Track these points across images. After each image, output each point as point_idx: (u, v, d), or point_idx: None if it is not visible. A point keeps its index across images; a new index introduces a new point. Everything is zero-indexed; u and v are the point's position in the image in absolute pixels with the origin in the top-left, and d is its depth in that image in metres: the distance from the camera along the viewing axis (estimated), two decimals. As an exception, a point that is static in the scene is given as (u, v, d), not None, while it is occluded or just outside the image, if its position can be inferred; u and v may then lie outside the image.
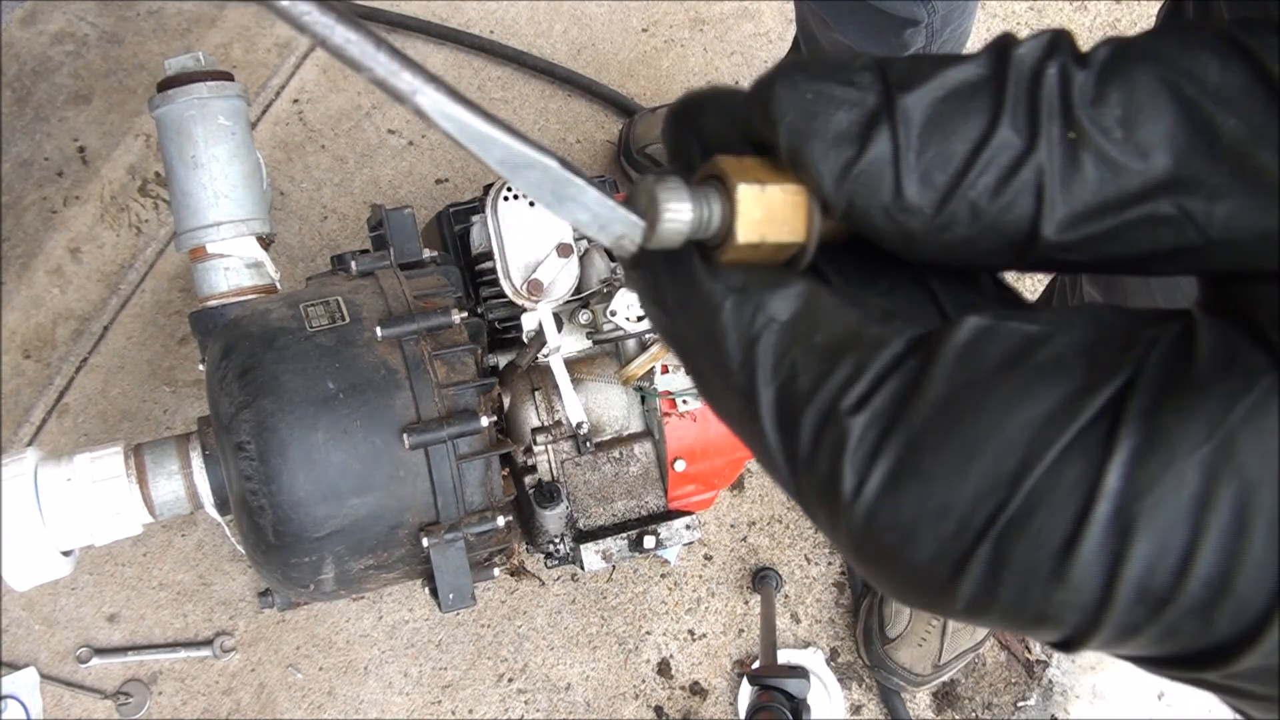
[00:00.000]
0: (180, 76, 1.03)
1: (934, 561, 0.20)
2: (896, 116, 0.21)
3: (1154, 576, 0.18)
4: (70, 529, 0.89)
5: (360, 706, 1.38)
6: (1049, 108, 0.21)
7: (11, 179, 1.57)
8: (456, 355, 0.93)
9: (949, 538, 0.20)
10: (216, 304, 1.02)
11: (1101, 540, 0.18)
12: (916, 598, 0.21)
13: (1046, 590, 0.19)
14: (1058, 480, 0.19)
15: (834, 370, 0.21)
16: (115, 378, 1.49)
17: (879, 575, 0.21)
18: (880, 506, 0.20)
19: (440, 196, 1.62)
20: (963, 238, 0.22)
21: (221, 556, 1.42)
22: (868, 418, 0.20)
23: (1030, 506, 0.19)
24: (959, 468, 0.19)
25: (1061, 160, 0.21)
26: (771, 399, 0.22)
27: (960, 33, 1.18)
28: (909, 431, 0.20)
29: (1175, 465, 0.18)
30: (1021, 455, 0.19)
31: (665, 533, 1.09)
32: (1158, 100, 0.21)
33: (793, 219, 0.23)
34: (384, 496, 0.88)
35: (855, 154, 0.22)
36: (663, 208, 0.22)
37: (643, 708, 1.40)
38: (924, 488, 0.20)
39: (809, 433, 0.21)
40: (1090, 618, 0.19)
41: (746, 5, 1.79)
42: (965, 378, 0.20)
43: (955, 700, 1.43)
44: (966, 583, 0.20)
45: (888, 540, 0.20)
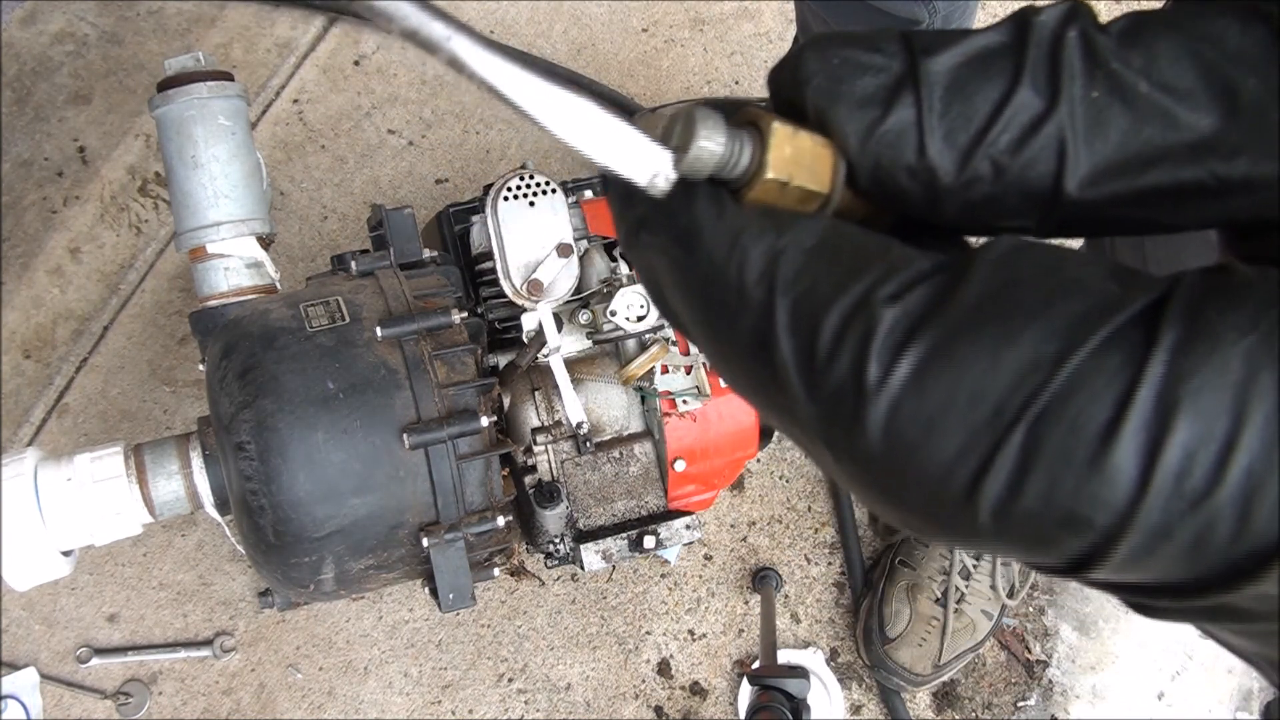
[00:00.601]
0: (180, 76, 1.03)
1: (959, 455, 0.19)
2: (921, 80, 0.22)
3: (1194, 465, 0.17)
4: (70, 529, 0.89)
5: (360, 706, 1.38)
6: (1070, 69, 0.22)
7: (11, 179, 1.57)
8: (456, 355, 0.93)
9: (980, 424, 0.19)
10: (216, 304, 1.02)
11: (1142, 424, 0.18)
12: (931, 509, 0.20)
13: (1080, 481, 0.18)
14: (1100, 365, 0.18)
15: (862, 274, 0.21)
16: (115, 378, 1.49)
17: (892, 486, 0.20)
18: (906, 396, 0.19)
19: (440, 196, 1.62)
20: (986, 195, 0.22)
21: (221, 556, 1.42)
22: (900, 310, 0.20)
23: (1069, 390, 0.18)
24: (995, 353, 0.19)
25: (1084, 118, 0.21)
26: (790, 304, 0.21)
27: (960, 33, 1.18)
28: (944, 321, 0.19)
29: (1220, 353, 0.18)
30: (1062, 341, 0.19)
31: (665, 533, 1.09)
32: (1179, 64, 0.21)
33: (819, 168, 0.23)
34: (384, 496, 0.88)
35: (880, 115, 0.22)
36: (699, 132, 0.22)
37: (643, 708, 1.40)
38: (957, 373, 0.19)
39: (831, 329, 0.20)
40: (1122, 514, 0.18)
41: (746, 5, 1.79)
42: (1003, 278, 0.20)
43: (955, 700, 1.43)
44: (993, 477, 0.19)
45: (910, 434, 0.19)
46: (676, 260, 0.23)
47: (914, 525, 0.21)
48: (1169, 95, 0.21)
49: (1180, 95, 0.21)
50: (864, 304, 0.20)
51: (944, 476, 0.19)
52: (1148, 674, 1.47)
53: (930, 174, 0.22)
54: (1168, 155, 0.21)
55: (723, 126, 0.23)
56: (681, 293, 0.24)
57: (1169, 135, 0.21)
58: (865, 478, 0.21)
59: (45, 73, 1.64)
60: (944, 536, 0.21)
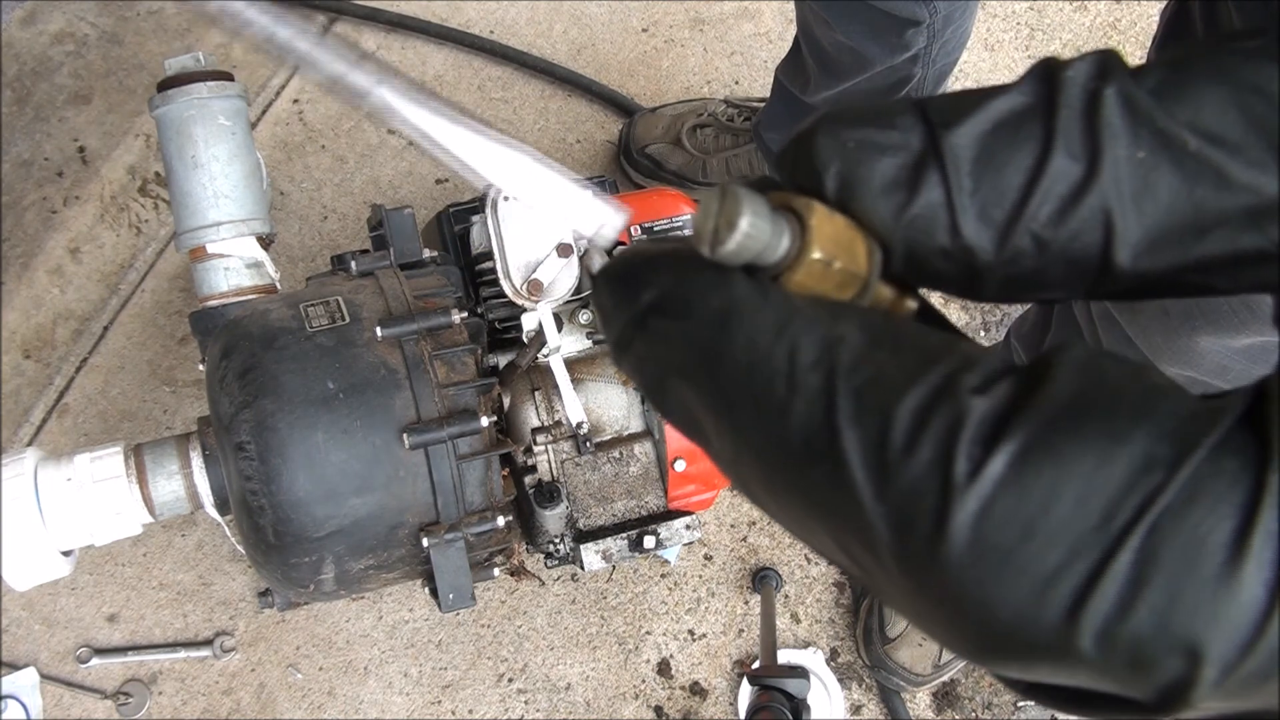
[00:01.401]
0: (180, 76, 1.03)
1: (1063, 564, 0.17)
2: (945, 156, 0.20)
3: None
4: (70, 529, 0.89)
5: (360, 706, 1.38)
6: (1110, 129, 0.20)
7: (11, 179, 1.57)
8: (456, 355, 0.93)
9: (1088, 530, 0.16)
10: (216, 304, 1.02)
11: (1269, 537, 0.16)
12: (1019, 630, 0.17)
13: (1203, 599, 0.16)
14: (1218, 469, 0.16)
15: (937, 363, 0.18)
16: (115, 378, 1.49)
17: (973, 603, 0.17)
18: (1002, 494, 0.17)
19: (440, 196, 1.62)
20: (1029, 270, 0.21)
21: (221, 556, 1.42)
22: (989, 401, 0.18)
23: (1189, 496, 0.16)
24: (1105, 451, 0.17)
25: (1130, 181, 0.20)
26: (854, 390, 0.19)
27: (961, 33, 1.18)
28: (1042, 415, 0.17)
29: None
30: (1176, 443, 0.17)
31: (665, 533, 1.09)
32: (1227, 117, 0.19)
33: (856, 251, 0.21)
34: (384, 496, 0.88)
35: (906, 199, 0.21)
36: (744, 210, 0.20)
37: (643, 708, 1.40)
38: (1060, 471, 0.17)
39: (908, 417, 0.18)
40: (1247, 638, 0.16)
41: (746, 5, 1.79)
42: (1093, 379, 0.18)
43: (955, 700, 1.43)
44: (1103, 592, 0.16)
45: (1004, 540, 0.17)
46: (704, 346, 0.20)
47: (993, 650, 0.18)
48: (1220, 151, 0.19)
49: (1232, 151, 0.19)
50: (947, 392, 0.18)
51: (1042, 590, 0.17)
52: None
53: (968, 254, 0.21)
54: (1224, 219, 0.19)
55: (766, 206, 0.21)
56: (707, 385, 0.21)
57: (1224, 197, 0.19)
58: (941, 594, 0.18)
59: (45, 73, 1.64)
60: (1029, 663, 0.18)
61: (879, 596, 0.21)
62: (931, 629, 0.19)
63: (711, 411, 0.21)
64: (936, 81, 1.24)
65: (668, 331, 0.21)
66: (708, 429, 0.22)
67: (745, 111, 1.58)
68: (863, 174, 0.21)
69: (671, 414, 0.23)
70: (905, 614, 0.20)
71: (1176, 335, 0.86)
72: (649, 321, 0.22)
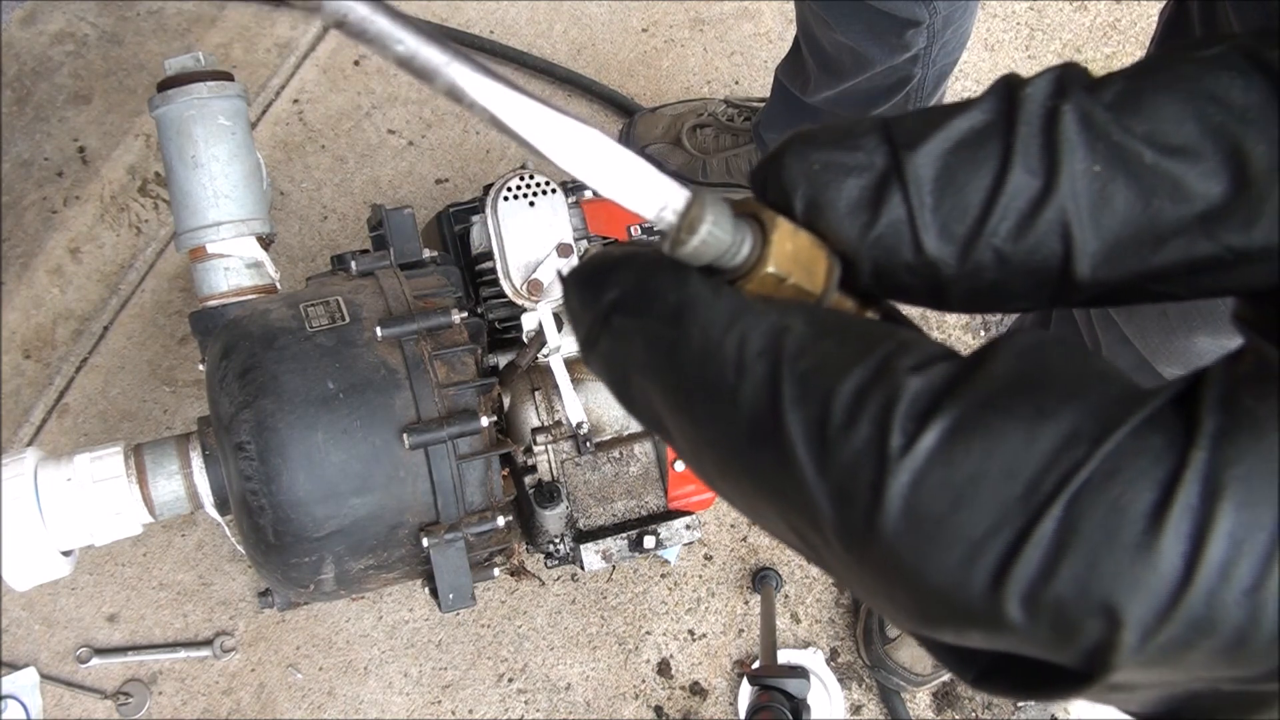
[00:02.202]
0: (180, 76, 1.03)
1: (990, 532, 0.18)
2: (907, 176, 0.21)
3: (1240, 555, 0.17)
4: (70, 529, 0.89)
5: (360, 706, 1.38)
6: (1068, 145, 0.20)
7: (11, 179, 1.57)
8: (456, 355, 0.93)
9: (1014, 499, 0.17)
10: (216, 304, 1.02)
11: (1189, 509, 0.17)
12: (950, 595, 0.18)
13: (1122, 565, 0.17)
14: (1143, 446, 0.17)
15: (877, 348, 0.19)
16: (115, 378, 1.49)
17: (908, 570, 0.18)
18: (933, 466, 0.18)
19: (440, 196, 1.62)
20: (992, 283, 0.21)
21: (221, 556, 1.42)
22: (924, 379, 0.19)
23: (1112, 468, 0.17)
24: (1032, 426, 0.18)
25: (1087, 195, 0.20)
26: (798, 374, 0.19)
27: (961, 33, 1.18)
28: (975, 393, 0.18)
29: (1264, 441, 0.17)
30: (1101, 420, 0.18)
31: (665, 533, 1.09)
32: (1184, 127, 0.20)
33: (815, 269, 0.22)
34: (384, 496, 0.88)
35: (871, 218, 0.21)
36: (706, 216, 0.21)
37: (643, 708, 1.40)
38: (989, 444, 0.18)
39: (847, 396, 0.19)
40: (1164, 604, 0.17)
41: (746, 5, 1.79)
42: (1031, 363, 0.19)
43: (955, 700, 1.43)
44: (1026, 557, 0.17)
45: (935, 509, 0.18)
46: (661, 339, 0.22)
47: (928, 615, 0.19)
48: (1176, 163, 0.20)
49: (1189, 161, 0.20)
50: (884, 372, 0.19)
51: (971, 556, 0.18)
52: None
53: (932, 269, 0.21)
54: (1180, 229, 0.20)
55: (729, 214, 0.22)
56: (664, 376, 0.22)
57: (1180, 207, 0.20)
58: (880, 565, 0.19)
59: (45, 73, 1.64)
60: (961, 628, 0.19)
61: (827, 572, 0.22)
62: (874, 600, 0.20)
63: (670, 404, 0.22)
64: (936, 82, 1.24)
65: (629, 328, 0.22)
66: (668, 422, 0.22)
67: (745, 111, 1.58)
68: (829, 196, 0.22)
69: (636, 410, 0.23)
70: (851, 587, 0.21)
71: (1174, 335, 0.86)
72: (612, 319, 0.23)
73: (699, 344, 0.21)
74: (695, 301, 0.21)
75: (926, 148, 0.21)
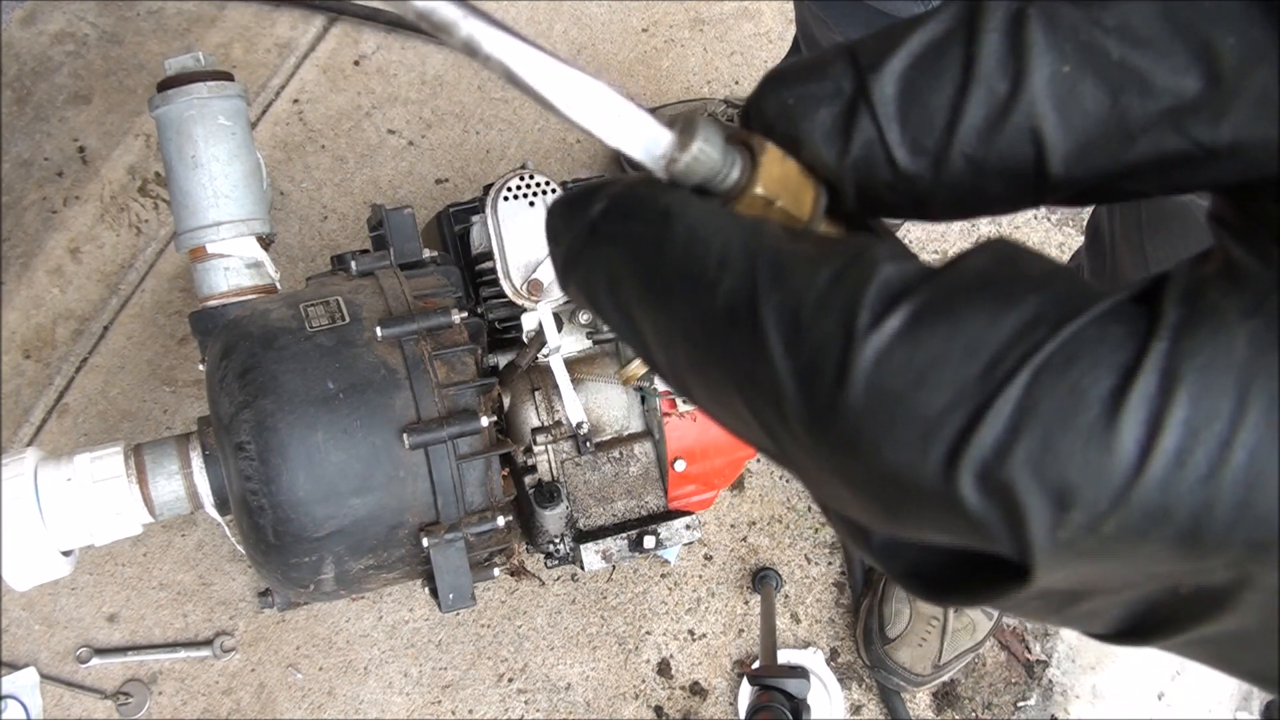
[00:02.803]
0: (180, 76, 1.03)
1: (949, 408, 0.18)
2: (873, 97, 0.22)
3: (1196, 444, 0.17)
4: (70, 529, 0.89)
5: (360, 706, 1.38)
6: (1035, 47, 0.20)
7: (11, 179, 1.57)
8: (456, 355, 0.93)
9: (973, 376, 0.18)
10: (216, 304, 1.02)
11: (1147, 396, 0.17)
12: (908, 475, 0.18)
13: (1077, 447, 0.17)
14: (1104, 334, 0.18)
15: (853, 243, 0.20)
16: (115, 378, 1.49)
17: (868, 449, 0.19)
18: (897, 345, 0.18)
19: (440, 196, 1.62)
20: (971, 188, 0.22)
21: (221, 556, 1.42)
22: (896, 268, 0.19)
23: (1073, 352, 0.17)
24: (996, 310, 0.18)
25: (1054, 96, 0.20)
26: (774, 262, 0.20)
27: (960, 33, 1.18)
28: (943, 283, 0.19)
29: (1224, 333, 0.17)
30: (1064, 308, 0.18)
31: (665, 533, 1.09)
32: (1154, 24, 0.20)
33: (802, 196, 0.23)
34: (384, 496, 0.88)
35: (844, 144, 0.22)
36: (698, 135, 0.22)
37: (643, 708, 1.40)
38: (953, 325, 0.18)
39: (822, 282, 0.19)
40: (1119, 488, 0.17)
41: (746, 5, 1.79)
42: (1001, 260, 0.19)
43: (955, 700, 1.43)
44: (982, 434, 0.17)
45: (897, 385, 0.18)
46: (646, 238, 0.22)
47: (884, 499, 0.19)
48: (1145, 57, 0.20)
49: (1157, 57, 0.20)
50: (859, 261, 0.19)
51: (929, 433, 0.18)
52: (1148, 674, 1.47)
53: (909, 184, 0.22)
54: (1149, 125, 0.20)
55: (720, 136, 0.23)
56: (645, 272, 0.22)
57: (1148, 103, 0.20)
58: (839, 444, 0.19)
59: (45, 73, 1.64)
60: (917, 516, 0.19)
61: (790, 469, 0.22)
62: (832, 490, 0.20)
63: (648, 300, 0.22)
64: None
65: (614, 232, 0.23)
66: (642, 321, 0.23)
67: (745, 111, 1.58)
68: (804, 127, 0.22)
69: (611, 317, 0.24)
70: (808, 479, 0.21)
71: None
72: (598, 227, 0.23)
73: (683, 239, 0.21)
74: (684, 204, 0.22)
75: (889, 66, 0.22)
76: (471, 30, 0.21)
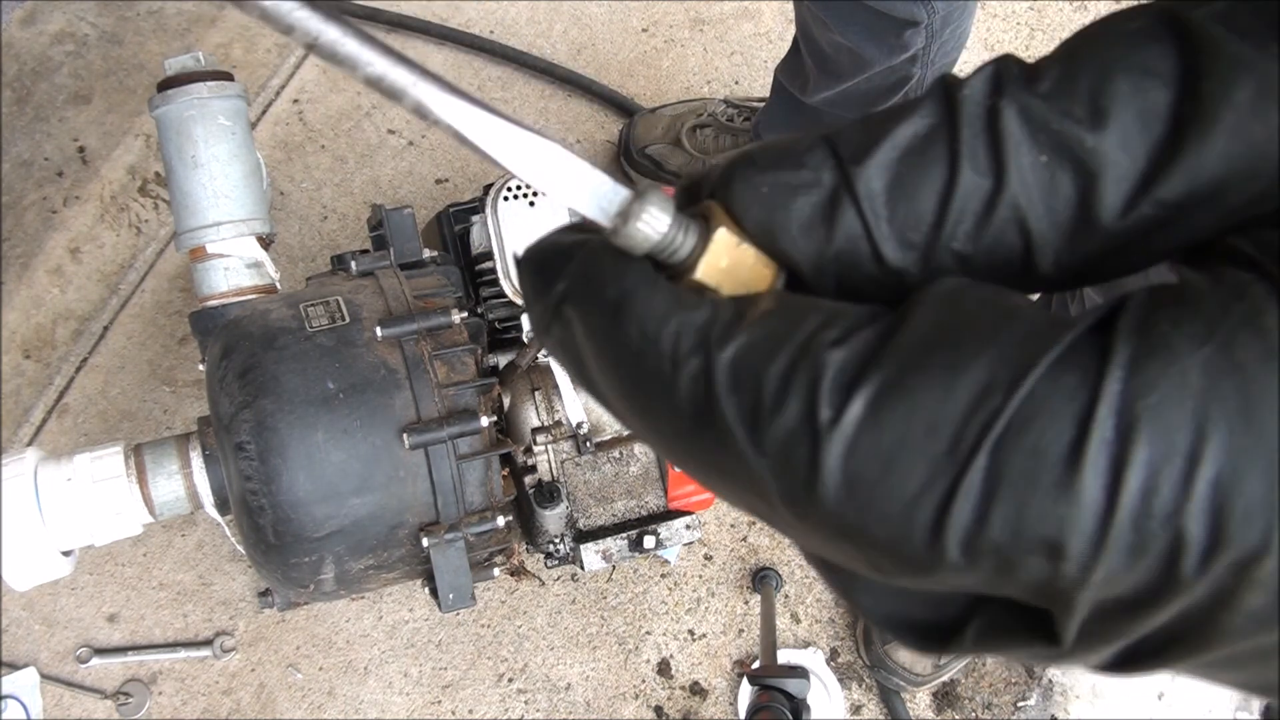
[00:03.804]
0: (180, 76, 1.03)
1: (922, 489, 0.18)
2: (858, 191, 0.21)
3: (1159, 482, 0.17)
4: (70, 529, 0.89)
5: (360, 706, 1.38)
6: (1012, 140, 0.21)
7: (11, 179, 1.57)
8: (456, 355, 0.93)
9: (939, 455, 0.18)
10: (216, 304, 1.02)
11: (1104, 444, 0.17)
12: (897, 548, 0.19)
13: (1047, 506, 0.18)
14: (1055, 386, 0.18)
15: (801, 325, 0.20)
16: (115, 378, 1.49)
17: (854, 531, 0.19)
18: (862, 433, 0.19)
19: (440, 196, 1.62)
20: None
21: (221, 556, 1.42)
22: (846, 352, 0.20)
23: (1028, 414, 0.18)
24: (949, 382, 0.19)
25: (1038, 187, 0.21)
26: (729, 362, 0.20)
27: (960, 33, 1.18)
28: (894, 357, 0.19)
29: (1177, 365, 0.17)
30: (1014, 366, 0.18)
31: (665, 533, 1.09)
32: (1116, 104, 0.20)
33: (753, 283, 0.23)
34: (384, 496, 0.88)
35: (826, 235, 0.22)
36: (645, 209, 0.22)
37: (643, 708, 1.40)
38: (911, 405, 0.19)
39: (775, 379, 0.20)
40: (1094, 536, 0.18)
41: (746, 5, 1.79)
42: (947, 312, 0.20)
43: (955, 700, 1.43)
44: (959, 508, 0.18)
45: (869, 472, 0.19)
46: (603, 332, 0.22)
47: (882, 568, 0.20)
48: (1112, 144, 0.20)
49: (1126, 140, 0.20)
50: (807, 350, 0.20)
51: (908, 512, 0.19)
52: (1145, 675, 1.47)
53: (895, 278, 0.22)
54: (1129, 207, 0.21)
55: (670, 211, 0.22)
56: (608, 367, 0.23)
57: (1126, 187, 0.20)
58: (826, 527, 0.20)
59: (45, 73, 1.64)
60: (914, 575, 0.20)
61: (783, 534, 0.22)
62: (831, 557, 0.21)
63: (617, 391, 0.23)
64: (936, 82, 1.24)
65: (576, 319, 0.23)
66: (617, 407, 0.23)
67: (745, 111, 1.58)
68: (779, 218, 0.22)
69: (593, 393, 0.24)
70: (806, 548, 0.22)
71: None
72: (562, 309, 0.23)
73: (636, 338, 0.22)
74: (633, 295, 0.22)
75: (875, 159, 0.21)
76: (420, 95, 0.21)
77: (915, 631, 0.22)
